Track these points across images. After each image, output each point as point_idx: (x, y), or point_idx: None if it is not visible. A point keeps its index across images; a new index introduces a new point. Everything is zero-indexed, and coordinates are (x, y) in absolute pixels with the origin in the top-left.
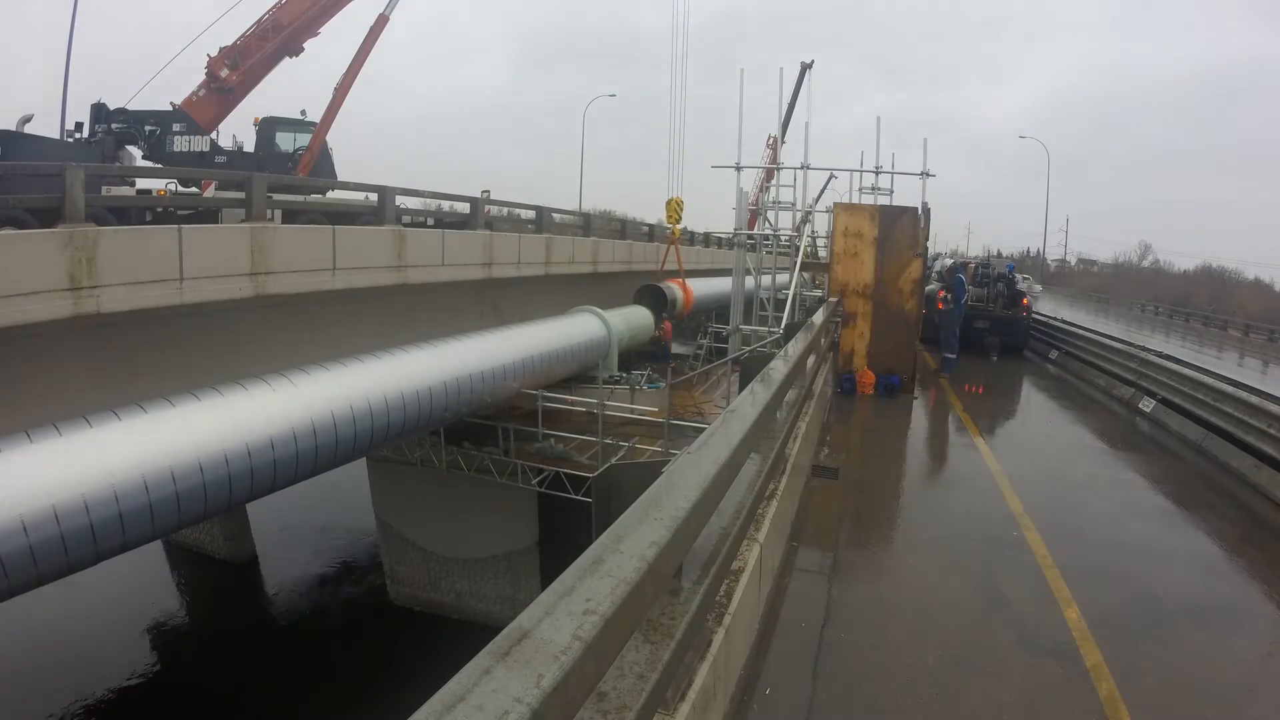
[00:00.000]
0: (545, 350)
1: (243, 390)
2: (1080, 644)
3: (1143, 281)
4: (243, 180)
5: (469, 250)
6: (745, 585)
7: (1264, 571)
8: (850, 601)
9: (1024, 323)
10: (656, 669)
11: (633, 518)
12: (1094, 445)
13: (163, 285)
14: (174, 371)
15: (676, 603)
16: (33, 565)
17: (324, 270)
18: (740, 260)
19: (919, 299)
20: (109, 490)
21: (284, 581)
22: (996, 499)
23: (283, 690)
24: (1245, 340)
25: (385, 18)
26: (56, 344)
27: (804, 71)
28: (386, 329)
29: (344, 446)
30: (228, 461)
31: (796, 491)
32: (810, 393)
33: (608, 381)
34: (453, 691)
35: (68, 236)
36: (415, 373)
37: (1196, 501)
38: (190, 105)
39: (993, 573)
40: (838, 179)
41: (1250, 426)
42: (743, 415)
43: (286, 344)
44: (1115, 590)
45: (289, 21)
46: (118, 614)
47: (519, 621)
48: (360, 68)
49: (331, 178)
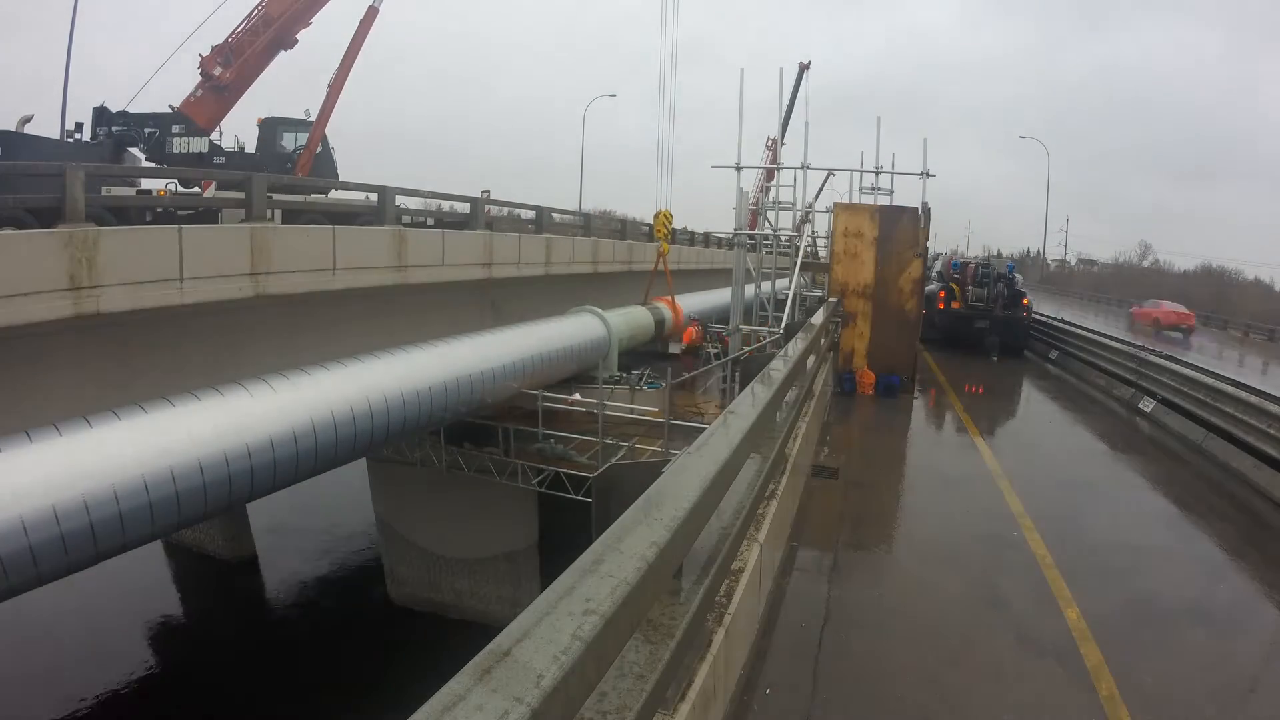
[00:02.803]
0: (545, 350)
1: (243, 390)
2: (1080, 644)
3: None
4: (243, 180)
5: (469, 250)
6: (745, 585)
7: (1264, 572)
8: (850, 602)
9: (1024, 323)
10: (656, 669)
11: (633, 518)
12: (1094, 445)
13: (163, 285)
14: (174, 371)
15: (676, 603)
16: (33, 565)
17: (324, 270)
18: (740, 260)
19: (919, 299)
20: (109, 490)
21: (284, 581)
22: (996, 499)
23: (283, 690)
24: (1245, 340)
25: (375, 9)
26: (56, 344)
27: (802, 72)
28: (386, 329)
29: (344, 446)
30: (228, 461)
31: (796, 492)
32: (810, 393)
33: (608, 381)
34: (454, 691)
35: (68, 236)
36: (415, 373)
37: (1197, 502)
38: (189, 106)
39: (993, 573)
40: (836, 177)
41: (1250, 426)
42: (743, 415)
43: (286, 344)
44: (1115, 590)
45: (278, 15)
46: (117, 614)
47: (519, 622)
48: (353, 62)
49: (333, 176)
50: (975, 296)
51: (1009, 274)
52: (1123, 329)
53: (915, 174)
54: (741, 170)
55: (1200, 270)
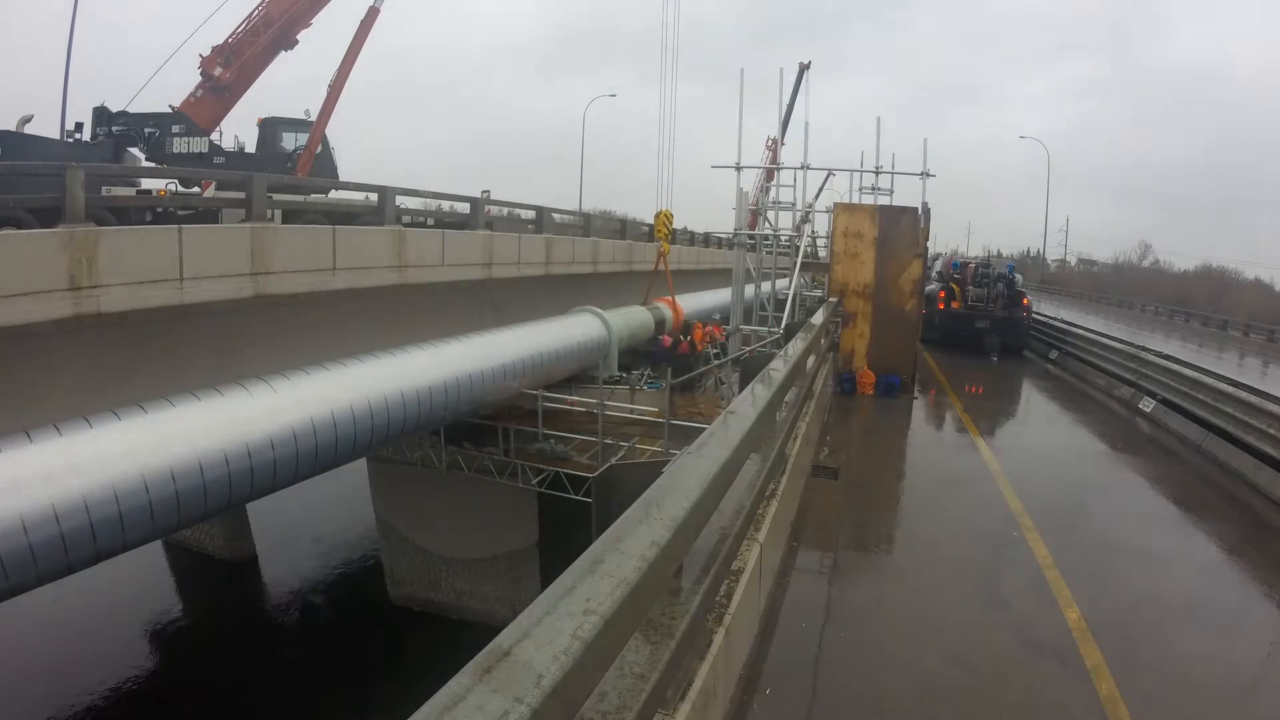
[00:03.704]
0: (545, 350)
1: (243, 390)
2: (1081, 644)
3: (1143, 281)
4: (243, 180)
5: (469, 250)
6: (745, 585)
7: (1264, 572)
8: (850, 602)
9: (1024, 323)
10: (656, 669)
11: (633, 518)
12: (1094, 446)
13: (163, 285)
14: (174, 371)
15: (676, 603)
16: (33, 565)
17: (324, 270)
18: (740, 260)
19: (919, 299)
20: (109, 490)
21: (284, 581)
22: (997, 499)
23: (283, 690)
24: (1245, 340)
25: (376, 10)
26: (56, 344)
27: (802, 72)
28: (386, 329)
29: (344, 446)
30: (228, 461)
31: (796, 492)
32: (810, 393)
33: (608, 381)
34: (454, 691)
35: (68, 236)
36: (415, 373)
37: (1197, 502)
38: (189, 106)
39: (993, 573)
40: (836, 177)
41: (1250, 426)
42: (743, 415)
43: (286, 344)
44: (1116, 591)
45: (278, 15)
46: (117, 614)
47: (519, 622)
48: (354, 62)
49: (333, 177)
50: (975, 296)
51: (1009, 274)
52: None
53: (915, 174)
54: (741, 170)
55: (1200, 270)
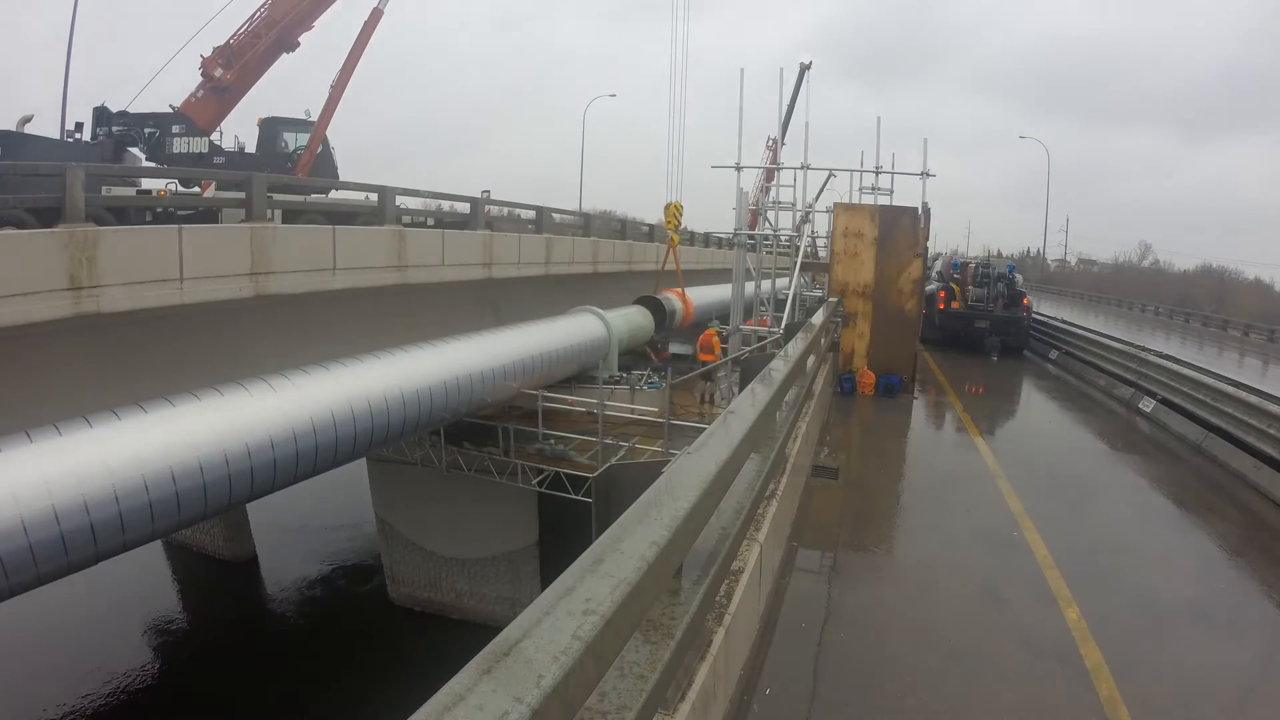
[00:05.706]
0: (545, 350)
1: (243, 390)
2: (1080, 644)
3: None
4: (243, 180)
5: (469, 250)
6: (745, 585)
7: (1264, 572)
8: (850, 602)
9: (1024, 323)
10: (656, 669)
11: (633, 518)
12: (1094, 445)
13: (163, 285)
14: (174, 371)
15: (676, 603)
16: (33, 565)
17: (324, 270)
18: (740, 260)
19: (919, 299)
20: (109, 490)
21: (284, 581)
22: (996, 499)
23: (283, 690)
24: (1245, 340)
25: (380, 11)
26: (56, 344)
27: (803, 72)
28: (386, 329)
29: (344, 446)
30: (228, 461)
31: (796, 492)
32: (810, 393)
33: (608, 381)
34: (454, 691)
35: (68, 236)
36: (415, 373)
37: (1196, 502)
38: (189, 107)
39: (993, 573)
40: (836, 178)
41: (1250, 426)
42: (743, 415)
43: (286, 344)
44: (1115, 590)
45: (280, 17)
46: (118, 614)
47: (519, 622)
48: (356, 64)
49: (333, 177)
50: (975, 296)
51: (1009, 274)
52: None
53: (915, 174)
54: (741, 170)
55: (1200, 270)
